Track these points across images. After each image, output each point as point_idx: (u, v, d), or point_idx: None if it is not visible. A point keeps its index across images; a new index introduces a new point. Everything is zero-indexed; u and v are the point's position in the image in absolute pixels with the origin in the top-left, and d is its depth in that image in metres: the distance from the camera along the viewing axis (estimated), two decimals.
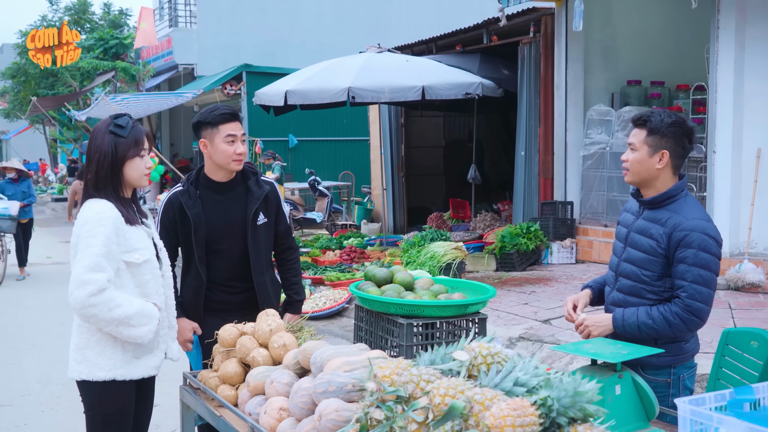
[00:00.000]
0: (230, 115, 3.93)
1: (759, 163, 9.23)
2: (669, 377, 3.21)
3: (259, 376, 3.14)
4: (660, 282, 3.20)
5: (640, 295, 3.23)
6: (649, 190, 3.24)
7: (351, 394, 2.62)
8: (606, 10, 11.80)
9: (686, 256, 3.10)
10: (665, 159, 3.18)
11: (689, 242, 3.09)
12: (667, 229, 3.14)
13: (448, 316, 3.45)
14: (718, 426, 2.23)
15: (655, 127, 3.17)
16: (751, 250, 9.22)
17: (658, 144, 3.18)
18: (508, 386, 2.13)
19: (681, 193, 3.21)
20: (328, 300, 9.57)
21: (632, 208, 3.38)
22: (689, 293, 3.10)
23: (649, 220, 3.23)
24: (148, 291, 3.32)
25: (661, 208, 3.21)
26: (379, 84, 11.43)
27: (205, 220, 3.95)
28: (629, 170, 3.25)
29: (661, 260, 3.17)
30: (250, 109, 19.50)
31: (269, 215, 4.06)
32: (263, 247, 4.05)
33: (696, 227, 3.11)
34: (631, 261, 3.27)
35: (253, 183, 4.02)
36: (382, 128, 14.93)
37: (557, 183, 11.84)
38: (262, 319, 3.48)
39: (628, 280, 3.28)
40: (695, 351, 3.33)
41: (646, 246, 3.21)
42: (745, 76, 9.27)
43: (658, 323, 3.14)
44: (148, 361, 3.40)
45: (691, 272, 3.09)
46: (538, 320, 7.94)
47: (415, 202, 16.14)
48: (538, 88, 12.02)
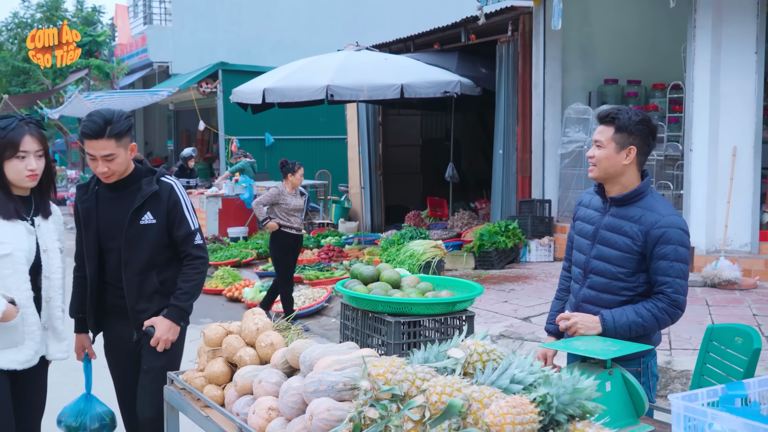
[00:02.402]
0: (90, 134, 3.59)
1: (735, 161, 9.32)
2: (639, 366, 3.25)
3: (246, 375, 3.10)
4: (634, 278, 3.24)
5: (614, 292, 3.26)
6: (614, 186, 3.28)
7: (342, 393, 2.60)
8: (583, 9, 11.86)
9: (667, 253, 3.15)
10: (632, 155, 3.22)
11: (668, 239, 3.15)
12: (644, 226, 3.18)
13: (436, 314, 3.44)
14: (712, 422, 2.23)
15: (623, 125, 3.21)
16: (727, 248, 9.30)
17: (626, 141, 3.21)
18: (504, 384, 2.12)
19: (648, 190, 3.26)
20: (307, 299, 9.53)
21: (594, 204, 3.40)
22: (674, 288, 3.17)
23: (620, 218, 3.25)
24: (8, 285, 3.34)
25: (630, 204, 3.25)
26: (357, 82, 11.40)
27: (97, 217, 3.79)
28: (596, 166, 3.27)
29: (636, 257, 3.21)
30: (226, 107, 19.38)
31: (158, 216, 3.75)
32: (145, 248, 3.75)
33: (672, 223, 3.17)
34: (603, 258, 3.29)
35: (146, 182, 3.77)
36: (360, 127, 14.90)
37: (535, 181, 11.88)
38: (248, 317, 3.44)
39: (601, 277, 3.30)
40: (659, 340, 3.43)
41: (621, 244, 3.23)
42: (721, 75, 9.36)
43: (648, 321, 3.18)
44: (10, 354, 3.38)
45: (674, 268, 3.16)
46: (518, 318, 7.96)
47: (392, 201, 16.13)
48: (516, 86, 12.05)
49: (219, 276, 11.07)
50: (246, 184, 14.76)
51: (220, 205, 14.44)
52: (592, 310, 3.30)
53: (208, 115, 22.45)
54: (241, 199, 14.60)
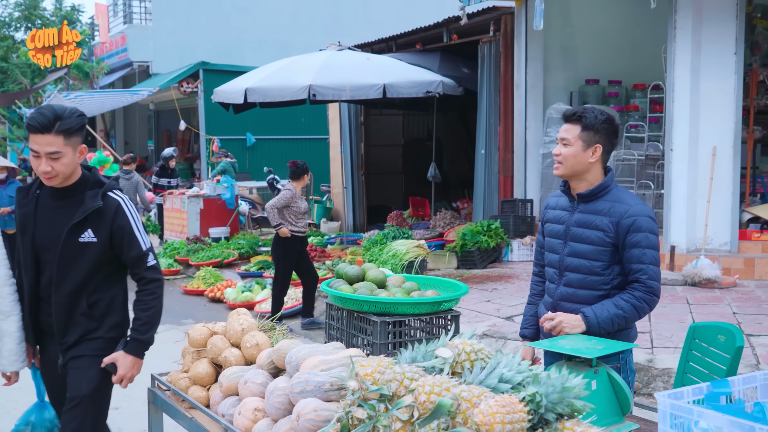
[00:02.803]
0: (36, 127, 3.24)
1: (715, 160, 9.40)
2: (619, 362, 3.28)
3: (232, 376, 3.09)
4: (609, 270, 3.30)
5: (590, 287, 3.31)
6: (580, 183, 3.35)
7: (329, 393, 2.59)
8: (565, 9, 11.92)
9: (639, 240, 3.23)
10: (597, 153, 3.30)
11: (639, 227, 3.22)
12: (614, 218, 3.25)
13: (421, 314, 3.43)
14: (698, 419, 2.25)
15: (590, 123, 3.28)
16: (707, 246, 9.38)
17: (592, 139, 3.29)
18: (493, 383, 2.12)
19: (612, 184, 3.34)
20: (290, 299, 9.49)
21: (561, 204, 3.46)
22: (649, 274, 3.24)
23: (589, 213, 3.32)
24: None
25: (598, 199, 3.32)
26: (340, 82, 11.38)
27: (34, 225, 3.42)
28: (562, 164, 3.33)
29: (609, 249, 3.27)
30: (207, 106, 19.30)
31: (100, 235, 3.36)
32: (81, 268, 3.36)
33: (641, 212, 3.25)
34: (577, 254, 3.34)
35: (90, 195, 3.38)
36: (342, 126, 14.88)
37: (517, 181, 11.92)
38: (233, 318, 3.42)
39: (577, 273, 3.34)
40: (636, 335, 3.48)
41: (594, 237, 3.29)
42: (701, 75, 9.43)
43: (628, 311, 3.23)
44: None
45: (647, 255, 3.23)
46: (501, 317, 7.97)
47: (374, 201, 16.12)
48: (498, 86, 12.08)
49: (201, 276, 11.02)
50: (227, 185, 14.70)
51: (202, 206, 14.37)
52: (570, 307, 3.33)
53: (189, 115, 22.36)
54: (222, 200, 14.54)
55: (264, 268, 11.19)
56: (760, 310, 7.57)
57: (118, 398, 6.29)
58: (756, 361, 6.00)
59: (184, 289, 10.94)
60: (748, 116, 10.01)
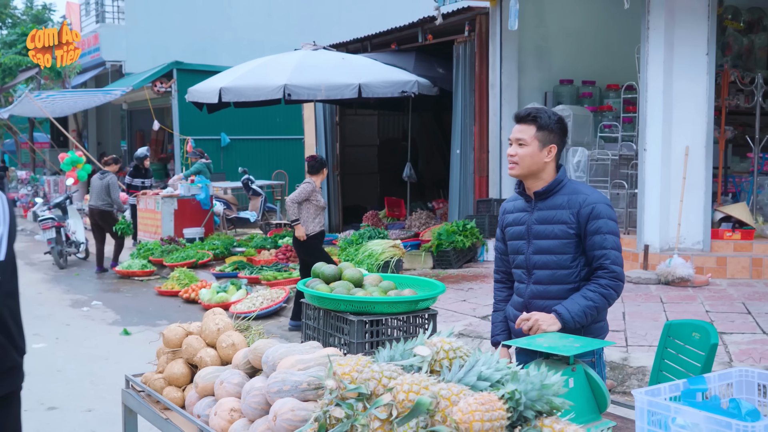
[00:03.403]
0: None
1: (687, 160, 9.48)
2: (593, 357, 3.32)
3: (207, 376, 3.05)
4: (576, 262, 3.36)
5: (560, 281, 3.37)
6: (536, 182, 3.40)
7: (306, 393, 2.57)
8: (539, 10, 11.97)
9: (600, 226, 3.30)
10: (553, 153, 3.37)
11: (598, 213, 3.30)
12: (573, 209, 3.32)
13: (399, 313, 3.42)
14: (675, 416, 2.26)
15: (545, 124, 3.34)
16: (680, 246, 9.46)
17: (548, 139, 3.35)
18: (472, 381, 2.11)
19: (566, 178, 3.42)
20: (266, 299, 9.45)
21: (518, 206, 3.51)
22: (612, 259, 3.30)
23: (549, 208, 3.38)
24: None
25: (555, 194, 3.38)
26: (315, 81, 11.34)
27: None
28: (518, 164, 3.36)
29: (574, 240, 3.34)
30: (181, 106, 19.15)
31: None
32: None
33: (599, 199, 3.34)
34: (543, 251, 3.38)
35: None
36: (317, 127, 14.84)
37: (492, 181, 11.95)
38: (209, 318, 3.39)
39: (545, 269, 3.38)
40: (608, 327, 3.53)
41: (557, 231, 3.34)
42: (674, 75, 9.51)
43: (598, 301, 3.29)
44: None
45: (608, 239, 3.30)
46: (477, 316, 7.99)
47: (350, 201, 16.10)
48: (473, 86, 12.11)
49: (175, 277, 10.93)
50: (202, 185, 14.59)
51: (176, 206, 14.25)
52: (542, 304, 3.36)
53: (163, 115, 22.17)
54: (197, 200, 14.43)
55: (239, 269, 11.12)
56: (732, 309, 7.65)
57: (91, 400, 6.26)
58: (729, 358, 6.05)
59: (158, 290, 10.85)
60: (719, 116, 10.11)
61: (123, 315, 9.49)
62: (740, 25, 11.31)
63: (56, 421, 5.85)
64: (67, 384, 6.79)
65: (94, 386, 6.69)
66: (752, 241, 9.44)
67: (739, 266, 9.20)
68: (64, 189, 17.83)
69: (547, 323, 3.25)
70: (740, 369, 2.70)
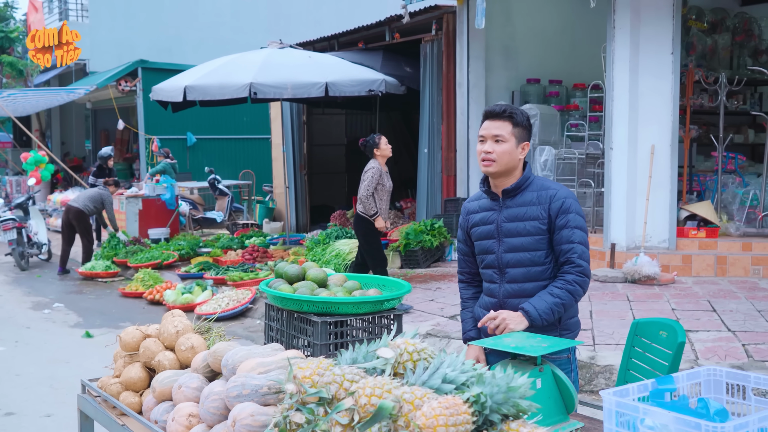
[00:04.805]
0: None
1: (653, 159, 9.52)
2: (569, 353, 3.32)
3: (165, 380, 2.95)
4: (549, 258, 3.34)
5: (535, 279, 3.33)
6: (507, 179, 3.36)
7: (267, 397, 2.49)
8: (506, 9, 11.97)
9: (568, 220, 3.28)
10: (526, 150, 3.36)
11: (567, 207, 3.29)
12: (544, 204, 3.30)
13: (363, 313, 3.35)
14: (644, 417, 2.21)
15: (520, 121, 3.32)
16: (646, 244, 9.50)
17: (522, 136, 3.34)
18: (436, 383, 2.04)
19: (532, 176, 3.40)
20: (231, 300, 9.33)
21: (483, 206, 3.46)
22: (579, 253, 3.28)
23: (518, 206, 3.35)
24: None
25: (523, 191, 3.35)
26: (281, 80, 11.23)
27: None
28: (496, 161, 3.30)
29: (547, 236, 3.31)
30: (146, 106, 18.89)
31: None
32: None
33: (568, 194, 3.33)
34: (515, 249, 3.34)
35: None
36: (284, 126, 14.71)
37: (460, 180, 11.92)
38: (167, 319, 3.29)
39: (519, 267, 3.34)
40: (579, 323, 3.51)
41: (529, 228, 3.31)
42: (639, 75, 9.55)
43: (564, 297, 3.26)
44: None
45: (576, 234, 3.29)
46: (445, 316, 7.95)
47: (317, 201, 16.01)
48: (440, 85, 12.08)
49: (139, 278, 10.75)
50: (167, 185, 14.40)
51: (141, 206, 14.06)
52: (518, 303, 3.31)
53: (128, 114, 21.88)
54: (162, 200, 14.24)
55: (205, 270, 10.97)
56: (698, 306, 7.69)
57: (51, 405, 6.11)
58: (695, 356, 6.07)
59: (122, 292, 10.67)
60: (684, 116, 10.18)
61: (85, 317, 9.31)
62: (704, 25, 11.41)
63: (13, 427, 5.69)
64: (25, 389, 6.62)
65: (53, 391, 6.53)
66: (717, 239, 9.51)
67: (704, 264, 9.27)
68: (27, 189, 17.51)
69: (515, 322, 3.21)
70: (708, 368, 2.67)
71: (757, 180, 10.49)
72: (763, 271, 9.14)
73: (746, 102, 11.62)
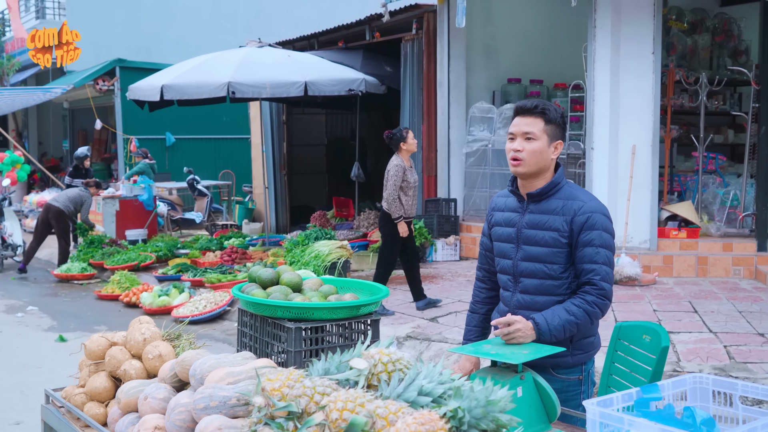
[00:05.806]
0: None
1: (634, 159, 9.49)
2: (581, 374, 3.11)
3: (131, 391, 2.83)
4: (566, 273, 3.07)
5: (549, 293, 3.08)
6: (537, 181, 3.10)
7: (236, 409, 2.37)
8: (486, 8, 11.90)
9: (592, 239, 3.00)
10: (558, 150, 3.10)
11: (593, 224, 3.00)
12: (567, 216, 3.03)
13: (339, 319, 3.23)
14: (629, 429, 2.13)
15: (553, 117, 3.05)
16: (627, 245, 9.46)
17: (555, 134, 3.07)
18: (412, 396, 1.94)
19: (564, 181, 3.12)
20: (209, 303, 9.19)
21: (509, 206, 3.21)
22: (602, 275, 3.01)
23: (541, 213, 3.09)
24: None
25: (549, 198, 3.09)
26: (260, 79, 11.09)
27: None
28: (525, 161, 3.04)
29: (566, 250, 3.05)
30: (124, 105, 18.68)
31: None
32: None
33: (596, 209, 3.03)
34: (532, 258, 3.10)
35: None
36: (264, 126, 14.56)
37: (441, 180, 11.85)
38: (134, 326, 3.16)
39: (533, 278, 3.11)
40: (599, 344, 3.25)
41: (548, 239, 3.06)
42: (620, 74, 9.51)
43: (580, 317, 2.99)
44: None
45: (600, 254, 3.01)
46: (425, 318, 7.85)
47: (297, 201, 15.88)
48: (421, 85, 11.99)
49: (116, 281, 10.57)
50: (145, 185, 14.21)
51: (118, 207, 13.86)
52: (528, 315, 3.04)
53: (106, 113, 21.61)
54: (139, 201, 14.05)
55: (182, 271, 10.81)
56: (679, 307, 7.65)
57: (21, 412, 5.95)
58: (677, 358, 6.01)
59: (98, 294, 10.48)
60: (665, 116, 10.15)
61: (60, 321, 9.13)
62: (684, 25, 11.39)
63: None
64: None
65: (24, 397, 6.37)
66: (698, 240, 9.49)
67: (685, 265, 9.24)
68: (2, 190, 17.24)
69: (526, 335, 2.93)
70: (695, 375, 2.59)
71: (737, 180, 10.49)
72: (743, 272, 9.13)
73: (726, 102, 11.63)
